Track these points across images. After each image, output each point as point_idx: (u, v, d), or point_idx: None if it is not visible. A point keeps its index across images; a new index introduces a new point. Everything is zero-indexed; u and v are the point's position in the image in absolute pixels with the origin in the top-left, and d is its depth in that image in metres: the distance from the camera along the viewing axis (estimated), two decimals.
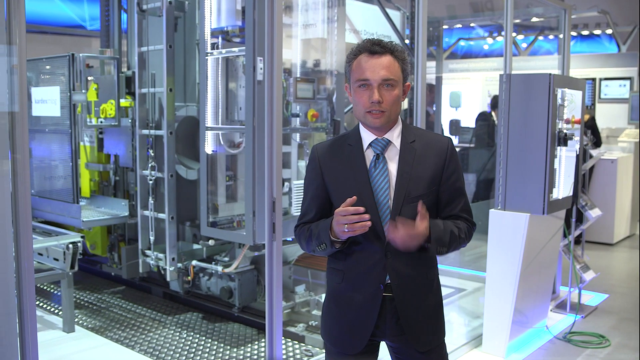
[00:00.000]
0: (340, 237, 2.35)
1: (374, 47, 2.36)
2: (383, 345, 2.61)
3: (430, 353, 2.50)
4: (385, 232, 2.37)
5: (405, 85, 2.44)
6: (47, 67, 5.75)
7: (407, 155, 2.41)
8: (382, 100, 2.34)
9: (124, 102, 5.62)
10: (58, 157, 5.61)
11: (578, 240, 6.40)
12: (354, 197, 2.29)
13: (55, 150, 5.64)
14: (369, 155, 2.44)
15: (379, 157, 2.42)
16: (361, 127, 2.48)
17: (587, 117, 8.26)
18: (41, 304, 5.86)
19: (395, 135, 2.44)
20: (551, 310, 5.71)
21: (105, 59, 6.02)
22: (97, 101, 5.68)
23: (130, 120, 5.69)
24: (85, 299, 6.08)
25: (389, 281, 2.42)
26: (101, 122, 5.69)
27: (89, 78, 5.87)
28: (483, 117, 8.41)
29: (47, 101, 5.60)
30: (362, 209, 2.25)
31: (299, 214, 2.66)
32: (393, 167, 2.41)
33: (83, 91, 5.60)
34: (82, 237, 5.14)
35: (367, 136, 2.46)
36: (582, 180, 5.79)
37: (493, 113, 8.28)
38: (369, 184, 2.40)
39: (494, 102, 8.31)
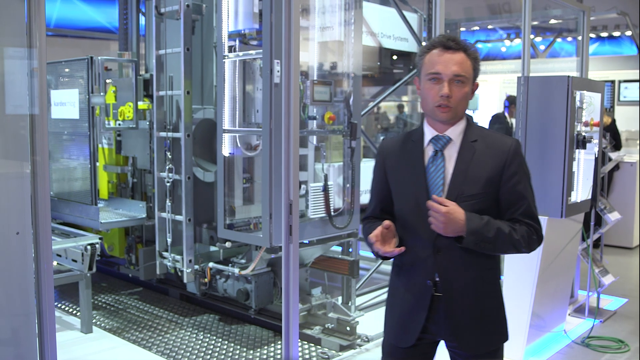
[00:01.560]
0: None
1: (448, 42, 2.38)
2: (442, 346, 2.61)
3: (482, 358, 2.48)
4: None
5: (474, 84, 2.45)
6: (66, 70, 5.80)
7: (466, 154, 2.41)
8: (451, 95, 2.35)
9: (141, 105, 5.66)
10: (76, 160, 5.66)
11: (597, 244, 6.34)
12: (389, 222, 2.36)
13: (73, 152, 5.68)
14: (429, 151, 2.46)
15: (437, 153, 2.43)
16: (425, 123, 2.51)
17: (608, 120, 8.19)
18: (60, 305, 5.91)
19: (457, 133, 2.45)
20: (569, 315, 5.66)
21: (124, 61, 6.06)
22: (115, 104, 5.72)
23: (148, 123, 5.72)
24: (103, 300, 6.12)
25: (438, 279, 2.42)
26: (119, 124, 5.73)
27: (108, 81, 5.91)
28: (497, 120, 8.36)
29: (66, 104, 5.65)
30: (374, 240, 2.37)
31: (315, 216, 2.70)
32: (450, 164, 2.42)
33: (102, 94, 5.65)
34: (100, 238, 5.18)
35: (429, 132, 2.48)
36: (601, 183, 5.74)
37: (507, 114, 8.24)
38: (424, 180, 2.43)
39: (510, 101, 8.27)
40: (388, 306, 2.66)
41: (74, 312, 5.72)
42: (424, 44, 6.35)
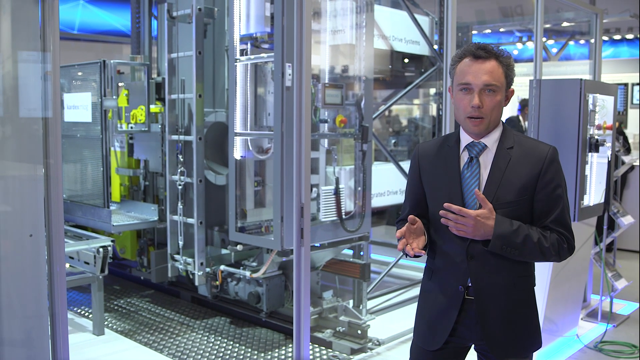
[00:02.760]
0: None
1: (478, 52, 2.36)
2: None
3: None
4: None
5: (509, 91, 2.43)
6: (79, 73, 5.83)
7: (501, 161, 2.40)
8: (482, 106, 2.34)
9: (153, 108, 5.68)
10: (89, 162, 5.69)
11: (610, 248, 6.30)
12: (413, 216, 2.36)
13: (86, 155, 5.71)
14: (464, 157, 2.46)
15: (472, 160, 2.43)
16: (461, 129, 2.50)
17: (616, 123, 8.15)
18: (72, 307, 5.94)
19: (492, 140, 2.43)
20: (582, 319, 5.63)
21: (136, 65, 6.09)
22: (128, 107, 5.75)
23: (160, 126, 5.75)
24: (115, 303, 6.15)
25: (470, 284, 2.42)
26: (131, 127, 5.76)
27: (120, 84, 5.94)
28: (511, 123, 8.33)
29: (78, 107, 5.68)
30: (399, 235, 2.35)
31: (326, 220, 2.70)
32: (485, 171, 2.41)
33: (114, 97, 5.68)
34: (112, 241, 5.20)
35: (465, 138, 2.47)
36: (614, 186, 5.71)
37: (521, 117, 8.21)
38: (459, 186, 2.43)
39: (522, 105, 8.25)
40: (418, 309, 2.66)
41: (86, 314, 5.75)
42: (435, 47, 6.36)
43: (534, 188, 2.39)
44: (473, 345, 2.56)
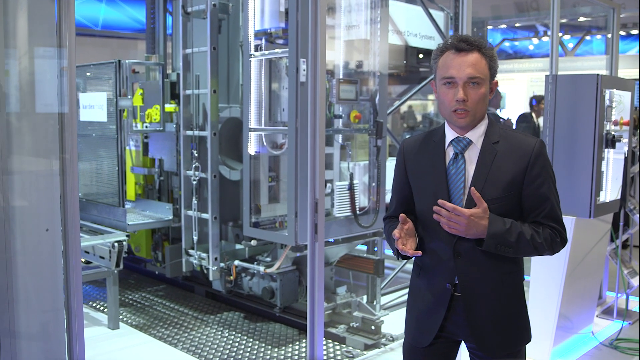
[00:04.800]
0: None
1: (460, 44, 2.33)
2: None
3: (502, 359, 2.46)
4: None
5: (493, 83, 2.40)
6: (95, 73, 5.86)
7: (487, 157, 2.37)
8: (467, 99, 2.31)
9: (168, 108, 5.70)
10: (104, 162, 5.71)
11: (626, 245, 6.25)
12: (403, 215, 2.35)
13: (101, 154, 5.73)
14: (450, 152, 2.43)
15: (458, 156, 2.40)
16: (446, 124, 2.47)
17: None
18: (87, 301, 5.98)
19: (477, 135, 2.40)
20: (597, 316, 5.59)
21: (151, 64, 6.11)
22: (143, 106, 5.77)
23: (174, 126, 5.77)
24: (130, 297, 6.18)
25: (457, 282, 2.41)
26: (146, 126, 5.78)
27: (135, 83, 5.96)
28: (524, 119, 8.28)
29: (94, 106, 5.71)
30: (398, 236, 2.33)
31: (340, 215, 2.69)
32: (471, 167, 2.38)
33: (129, 97, 5.70)
34: (127, 235, 5.23)
35: (449, 133, 2.44)
36: (631, 183, 5.66)
37: (533, 114, 8.16)
38: (445, 182, 2.40)
39: (537, 100, 8.19)
40: (408, 307, 2.65)
41: (102, 308, 5.79)
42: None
43: (521, 183, 2.36)
44: (464, 342, 2.55)
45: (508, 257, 2.37)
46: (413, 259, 2.57)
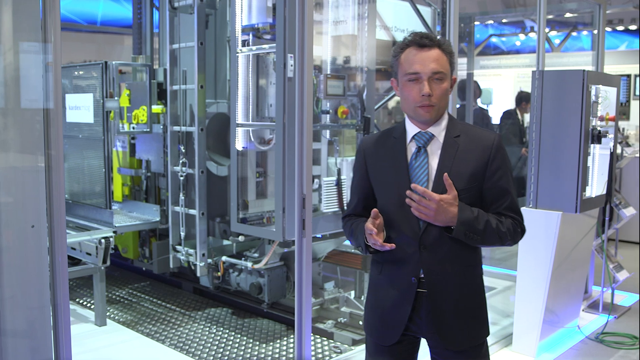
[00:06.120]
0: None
1: (423, 40, 2.37)
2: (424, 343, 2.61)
3: (467, 353, 2.49)
4: (420, 226, 2.39)
5: (453, 79, 2.45)
6: (81, 73, 5.81)
7: (449, 150, 2.41)
8: (432, 94, 2.34)
9: (155, 109, 5.66)
10: (91, 163, 5.66)
11: (611, 240, 6.30)
12: (375, 210, 2.35)
13: (88, 156, 5.68)
14: (412, 148, 2.45)
15: (420, 150, 2.42)
16: (407, 120, 2.49)
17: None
18: (74, 298, 5.95)
19: (439, 129, 2.44)
20: (583, 310, 5.63)
21: (138, 66, 6.06)
22: (130, 107, 5.73)
23: (162, 127, 5.74)
24: (117, 294, 6.16)
25: (422, 276, 2.42)
26: (133, 128, 5.74)
27: (122, 84, 5.92)
28: (508, 116, 8.32)
29: (80, 108, 5.66)
30: (375, 230, 2.32)
31: (328, 211, 2.70)
32: (434, 161, 2.42)
33: (116, 98, 5.66)
34: (113, 232, 5.20)
35: (411, 129, 2.47)
36: (616, 178, 5.70)
37: (518, 110, 8.19)
38: (407, 176, 2.42)
39: (518, 99, 8.24)
40: (369, 306, 2.64)
41: (88, 305, 5.76)
42: (439, 37, 6.34)
43: (483, 176, 2.41)
44: (426, 341, 2.56)
45: (469, 249, 2.42)
46: (373, 256, 2.59)
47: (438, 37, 2.42)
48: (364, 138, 2.64)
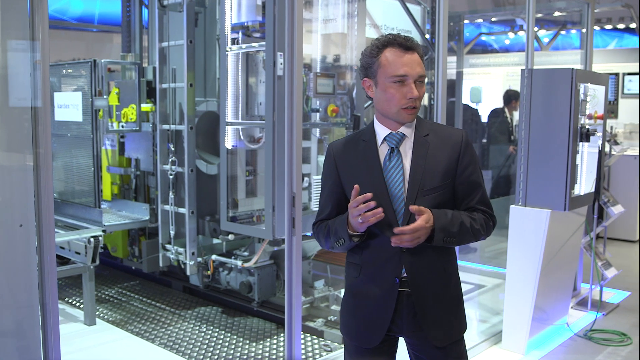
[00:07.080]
0: (358, 230, 2.37)
1: (407, 42, 2.36)
2: (402, 341, 2.61)
3: (448, 348, 2.50)
4: (400, 225, 2.38)
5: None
6: (70, 71, 5.78)
7: (421, 149, 2.42)
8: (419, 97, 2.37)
9: (144, 107, 5.64)
10: (80, 162, 5.64)
11: (600, 237, 6.33)
12: (357, 186, 2.32)
13: (77, 154, 5.66)
14: (384, 150, 2.46)
15: (394, 150, 2.43)
16: (375, 122, 2.49)
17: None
18: (63, 297, 5.93)
19: (410, 129, 2.46)
20: (572, 308, 5.67)
21: (127, 64, 6.03)
22: (119, 105, 5.71)
23: (151, 125, 5.72)
24: (106, 293, 6.14)
25: (405, 275, 2.42)
26: (122, 126, 5.71)
27: (111, 82, 5.89)
28: (495, 114, 8.35)
29: (69, 106, 5.64)
30: (369, 195, 2.27)
31: (318, 209, 2.67)
32: (407, 160, 2.42)
33: (105, 96, 5.64)
34: (103, 231, 5.18)
35: (381, 131, 2.47)
36: (605, 176, 5.73)
37: (506, 109, 8.23)
38: (382, 178, 2.42)
39: (507, 98, 8.27)
40: (348, 310, 2.61)
41: (78, 304, 5.74)
42: (427, 36, 6.35)
43: (455, 172, 2.44)
44: (404, 339, 2.56)
45: (436, 241, 2.39)
46: (347, 260, 2.59)
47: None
48: (332, 144, 2.60)
